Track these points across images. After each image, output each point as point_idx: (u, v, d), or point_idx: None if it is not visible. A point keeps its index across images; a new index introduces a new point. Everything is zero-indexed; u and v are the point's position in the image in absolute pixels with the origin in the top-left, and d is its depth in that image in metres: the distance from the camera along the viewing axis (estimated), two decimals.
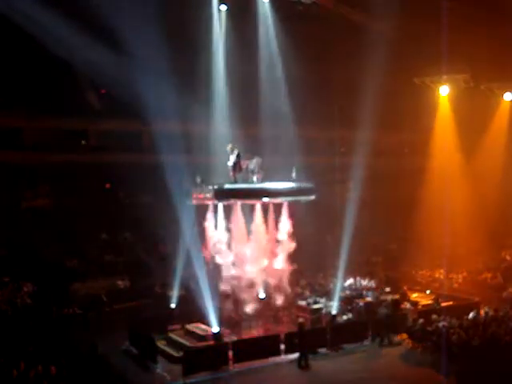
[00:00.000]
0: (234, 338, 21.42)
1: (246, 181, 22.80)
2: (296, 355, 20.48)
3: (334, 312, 23.57)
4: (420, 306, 25.28)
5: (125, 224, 34.03)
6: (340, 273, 25.44)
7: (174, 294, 24.63)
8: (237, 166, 22.51)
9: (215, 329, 21.51)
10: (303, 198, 23.76)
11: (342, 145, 40.30)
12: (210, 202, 23.24)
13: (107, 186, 36.63)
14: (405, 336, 22.40)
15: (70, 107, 32.51)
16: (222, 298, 22.64)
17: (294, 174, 23.45)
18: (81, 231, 32.90)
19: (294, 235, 24.35)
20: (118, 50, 25.66)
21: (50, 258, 30.09)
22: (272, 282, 23.77)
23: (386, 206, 36.10)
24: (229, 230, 23.53)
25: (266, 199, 23.22)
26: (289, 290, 24.27)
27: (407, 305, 25.04)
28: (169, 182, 24.22)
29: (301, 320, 21.92)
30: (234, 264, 23.33)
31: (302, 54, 27.34)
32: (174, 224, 25.31)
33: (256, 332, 22.56)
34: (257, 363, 20.24)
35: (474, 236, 37.51)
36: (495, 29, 28.03)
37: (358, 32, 28.04)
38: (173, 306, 24.38)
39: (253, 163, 22.80)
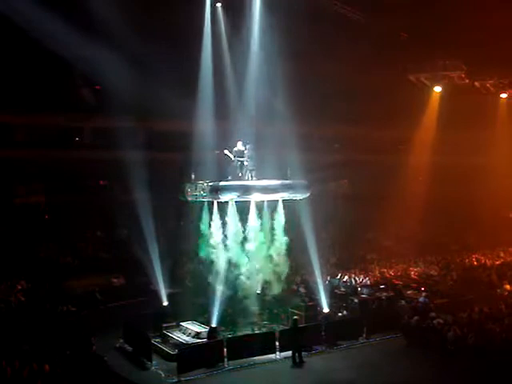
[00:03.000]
0: (229, 335, 21.39)
1: (240, 177, 22.75)
2: (291, 352, 20.48)
3: (328, 309, 23.57)
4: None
5: (119, 221, 33.94)
6: (335, 270, 25.45)
7: (169, 291, 24.55)
8: (242, 163, 22.56)
9: (210, 326, 21.48)
10: (298, 196, 23.72)
11: (336, 141, 40.37)
12: (204, 199, 23.18)
13: (102, 182, 36.54)
14: (400, 333, 22.43)
15: (64, 103, 32.39)
16: (218, 295, 22.59)
17: (288, 172, 23.43)
18: (75, 228, 32.82)
19: (289, 232, 24.33)
20: (113, 46, 25.55)
21: (44, 255, 30.01)
22: (267, 278, 23.74)
23: (381, 203, 36.11)
24: (223, 227, 23.45)
25: (261, 196, 23.17)
26: (284, 287, 24.30)
27: (402, 302, 25.06)
28: (164, 179, 24.19)
29: (295, 317, 21.90)
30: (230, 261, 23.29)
31: (296, 51, 27.27)
32: (170, 221, 25.32)
33: (251, 329, 22.52)
34: (252, 360, 20.22)
35: (468, 233, 37.72)
36: (491, 26, 28.04)
37: (353, 28, 28.00)
38: (167, 303, 24.32)
39: (245, 154, 22.73)
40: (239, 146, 22.72)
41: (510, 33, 26.95)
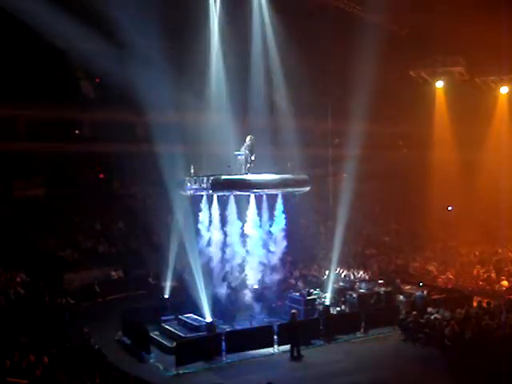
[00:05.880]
0: (227, 329, 21.43)
1: (240, 170, 22.77)
2: (289, 346, 20.52)
3: (327, 303, 23.63)
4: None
5: (119, 214, 33.99)
6: (334, 264, 25.48)
7: (168, 284, 24.60)
8: (248, 158, 22.54)
9: (208, 319, 21.53)
10: (298, 190, 23.73)
11: (336, 137, 40.35)
12: (204, 193, 23.20)
13: (101, 175, 36.56)
14: (397, 328, 22.48)
15: (63, 96, 32.36)
16: (216, 288, 22.66)
17: (288, 166, 23.45)
18: (74, 221, 32.86)
19: (288, 226, 24.38)
20: (112, 39, 25.52)
21: (43, 247, 30.03)
22: (266, 272, 23.80)
23: (380, 199, 36.18)
24: (222, 220, 23.50)
25: (260, 191, 23.19)
26: (283, 281, 24.39)
27: (400, 297, 25.13)
28: (163, 173, 24.19)
29: (294, 311, 21.94)
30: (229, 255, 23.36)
31: (297, 46, 27.26)
32: (168, 214, 25.32)
33: (249, 323, 22.57)
34: (250, 354, 20.27)
35: (466, 229, 37.71)
36: (491, 22, 28.01)
37: (354, 24, 27.98)
38: (166, 296, 24.37)
39: (246, 147, 22.69)
40: (248, 140, 22.71)
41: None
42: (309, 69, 28.81)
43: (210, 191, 22.64)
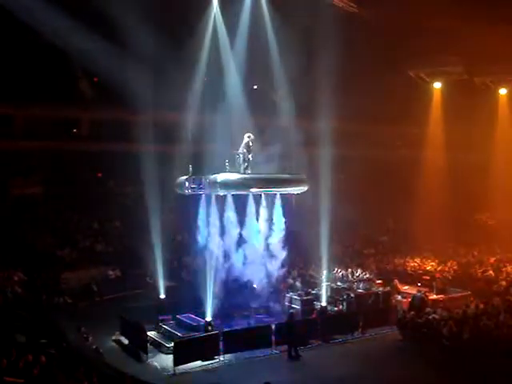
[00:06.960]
0: (225, 329, 21.40)
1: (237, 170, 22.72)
2: (286, 346, 20.50)
3: (324, 303, 23.61)
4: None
5: (116, 213, 33.93)
6: (331, 264, 25.50)
7: (165, 283, 24.55)
8: (246, 156, 22.45)
9: (206, 319, 21.50)
10: (296, 190, 23.70)
11: (333, 136, 40.34)
12: (202, 193, 23.14)
13: (99, 175, 36.50)
14: (395, 328, 22.47)
15: (61, 95, 32.30)
16: (214, 288, 22.61)
17: (286, 165, 23.42)
18: (72, 220, 32.80)
19: (286, 226, 24.35)
20: (111, 38, 25.44)
21: (41, 246, 29.97)
22: (264, 272, 23.79)
23: (378, 198, 36.15)
24: (221, 220, 23.45)
25: (258, 190, 23.15)
26: (280, 280, 24.38)
27: (398, 297, 25.14)
28: (160, 172, 24.16)
29: (292, 311, 21.93)
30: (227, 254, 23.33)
31: (293, 44, 27.20)
32: (166, 214, 25.29)
33: (247, 323, 22.55)
34: (247, 354, 20.23)
35: (464, 229, 37.76)
36: (489, 22, 27.98)
37: (352, 23, 27.93)
38: (164, 296, 24.32)
39: (244, 146, 22.61)
40: (246, 138, 22.63)
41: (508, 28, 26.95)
42: (304, 67, 28.76)
43: (208, 191, 22.61)
